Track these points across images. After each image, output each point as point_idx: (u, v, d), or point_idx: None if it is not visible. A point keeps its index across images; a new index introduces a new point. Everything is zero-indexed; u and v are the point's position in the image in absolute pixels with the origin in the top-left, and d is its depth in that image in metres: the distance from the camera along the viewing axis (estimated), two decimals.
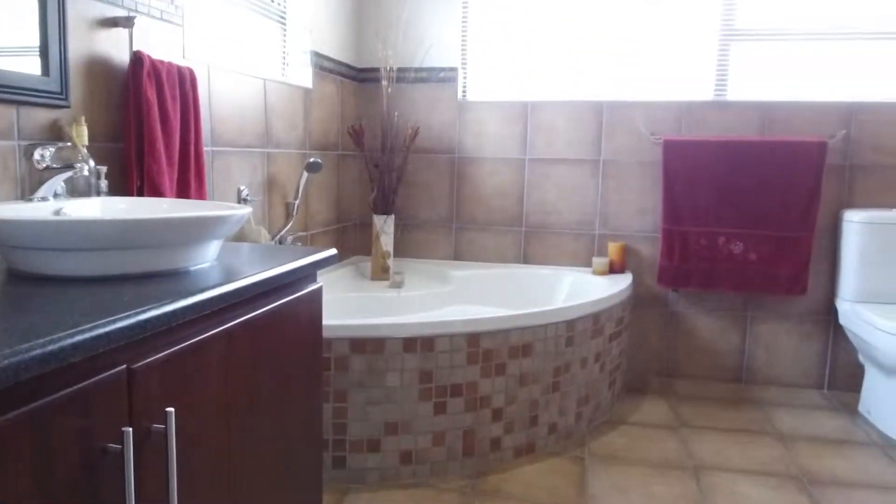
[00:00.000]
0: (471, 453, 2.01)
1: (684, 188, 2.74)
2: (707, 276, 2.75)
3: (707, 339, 2.89)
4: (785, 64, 2.79)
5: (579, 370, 2.25)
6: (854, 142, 2.68)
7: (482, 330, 1.98)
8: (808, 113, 2.71)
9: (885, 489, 1.98)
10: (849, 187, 2.70)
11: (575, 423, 2.28)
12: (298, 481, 1.27)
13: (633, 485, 1.98)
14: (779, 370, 2.84)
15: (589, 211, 2.94)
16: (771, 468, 2.11)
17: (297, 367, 1.24)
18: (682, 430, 2.38)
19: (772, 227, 2.66)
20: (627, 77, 2.92)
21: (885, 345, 2.30)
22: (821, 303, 2.77)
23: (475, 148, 3.00)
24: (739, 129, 2.77)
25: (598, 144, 2.90)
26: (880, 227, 2.52)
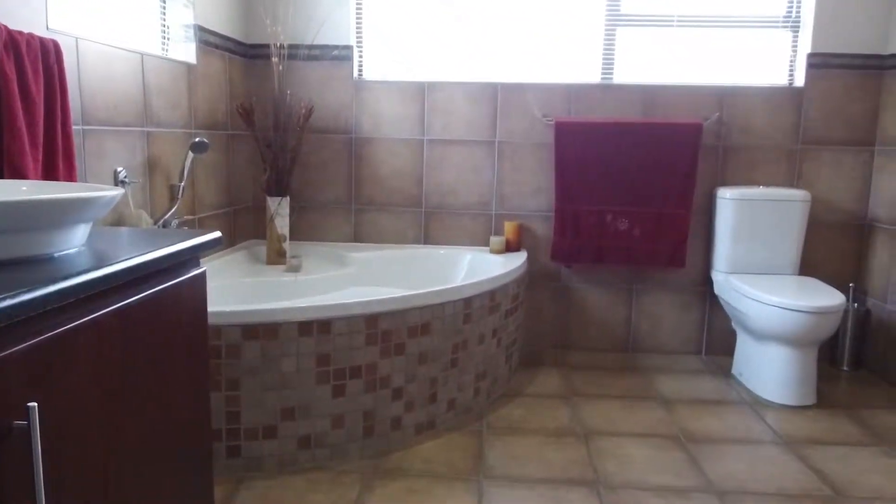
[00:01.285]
0: (371, 434, 2.02)
1: (575, 168, 2.84)
2: (596, 252, 2.88)
3: (597, 312, 3.04)
4: (666, 49, 2.95)
5: (477, 346, 2.31)
6: (726, 124, 2.88)
7: (380, 311, 1.98)
8: (686, 96, 2.88)
9: (753, 443, 2.18)
10: (722, 166, 2.91)
11: (473, 398, 2.34)
12: (187, 474, 1.23)
13: (529, 453, 2.06)
14: (661, 338, 3.04)
15: (486, 191, 3.00)
16: (654, 430, 2.26)
17: (180, 356, 1.19)
18: (574, 399, 2.50)
19: (654, 205, 2.83)
20: (521, 59, 2.99)
21: (753, 311, 2.51)
22: (698, 275, 2.98)
23: (372, 128, 2.97)
24: (624, 111, 2.91)
25: (494, 126, 2.95)
26: (749, 203, 2.73)
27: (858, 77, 2.81)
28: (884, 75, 2.80)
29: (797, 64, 2.89)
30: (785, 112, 2.86)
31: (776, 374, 2.49)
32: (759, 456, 2.08)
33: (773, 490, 1.88)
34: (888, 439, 2.21)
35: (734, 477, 1.95)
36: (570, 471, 1.96)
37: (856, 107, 2.83)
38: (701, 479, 1.94)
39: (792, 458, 2.07)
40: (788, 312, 2.35)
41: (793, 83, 2.90)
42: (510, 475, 1.93)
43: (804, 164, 2.88)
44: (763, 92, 2.86)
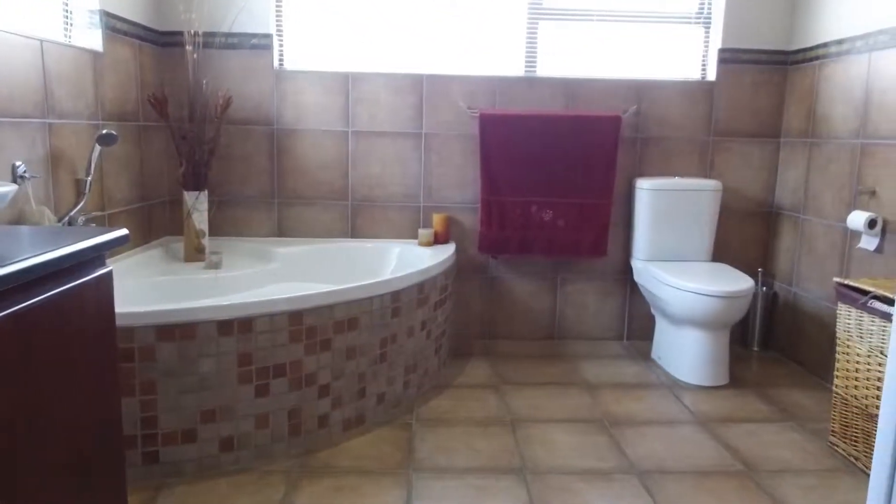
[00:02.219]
0: (298, 432, 1.98)
1: (500, 160, 2.87)
2: (522, 243, 2.93)
3: (524, 302, 3.09)
4: (586, 43, 3.01)
5: (406, 340, 2.30)
6: (643, 116, 2.98)
7: (305, 307, 1.94)
8: (606, 89, 2.96)
9: (671, 423, 2.27)
10: (640, 157, 3.01)
11: (403, 391, 2.33)
12: (98, 484, 1.17)
13: (457, 444, 2.07)
14: (585, 325, 3.12)
15: (413, 184, 2.98)
16: (579, 415, 2.32)
17: (86, 361, 1.12)
18: (503, 388, 2.54)
19: (576, 196, 2.89)
20: (446, 51, 2.98)
21: (669, 297, 2.61)
22: (619, 263, 3.08)
23: (295, 119, 2.90)
24: (547, 104, 2.95)
25: (420, 117, 2.94)
26: (665, 193, 2.84)
27: (765, 72, 2.97)
28: (788, 70, 2.96)
29: (709, 59, 3.01)
30: (698, 105, 2.98)
31: (692, 357, 2.60)
32: (676, 436, 2.17)
33: (689, 468, 1.97)
34: (795, 415, 2.35)
35: (653, 457, 2.03)
36: (498, 459, 1.99)
37: (763, 100, 2.99)
38: (623, 460, 2.00)
39: (707, 436, 2.18)
40: (702, 297, 2.46)
41: (705, 77, 3.03)
42: (439, 466, 1.94)
43: (716, 155, 3.02)
44: (678, 86, 2.97)
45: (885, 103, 2.34)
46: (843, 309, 2.03)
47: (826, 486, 1.88)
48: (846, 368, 2.02)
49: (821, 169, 2.71)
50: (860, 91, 2.47)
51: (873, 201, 2.39)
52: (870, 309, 1.90)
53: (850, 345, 2.00)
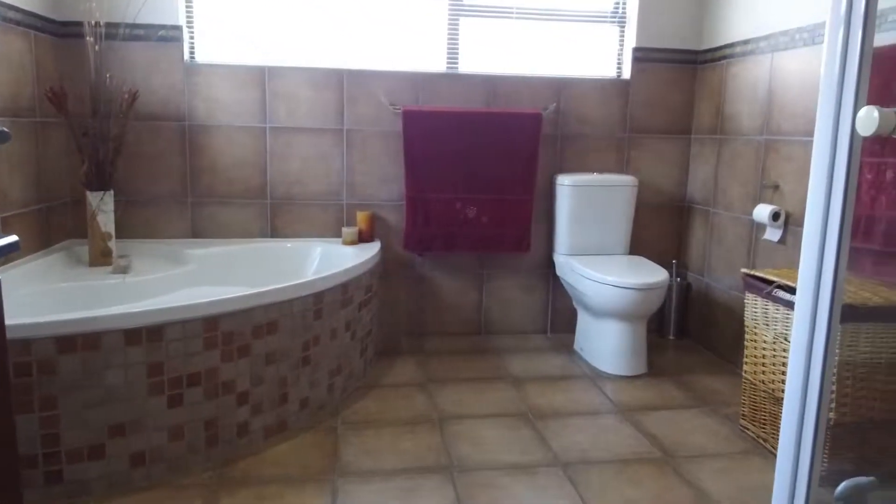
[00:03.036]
0: (215, 443, 1.90)
1: (424, 157, 2.85)
2: (447, 240, 2.92)
3: (450, 298, 3.09)
4: (507, 40, 3.03)
5: (329, 342, 2.25)
6: (563, 113, 3.03)
7: (221, 312, 1.86)
8: (526, 86, 2.99)
9: (594, 414, 2.33)
10: (560, 154, 3.06)
11: (328, 395, 2.28)
12: None
13: (384, 445, 2.05)
14: (511, 320, 3.16)
15: (335, 181, 2.92)
16: (505, 409, 2.34)
17: None
18: (430, 386, 2.53)
19: (499, 192, 2.91)
20: (367, 46, 2.93)
21: (590, 290, 2.67)
22: (542, 258, 3.13)
23: (208, 115, 2.78)
24: (470, 101, 2.96)
25: (341, 113, 2.88)
26: (584, 189, 2.90)
27: (677, 70, 3.08)
28: (698, 69, 3.08)
29: (624, 57, 3.10)
30: (614, 102, 3.06)
31: (612, 348, 2.68)
32: (598, 426, 2.23)
33: (611, 457, 2.02)
34: (708, 400, 2.46)
35: (577, 448, 2.07)
36: (426, 458, 1.98)
37: (675, 98, 3.10)
38: (548, 453, 2.03)
39: (627, 425, 2.24)
40: (620, 290, 2.53)
41: (620, 75, 3.11)
42: (365, 470, 1.90)
43: (631, 151, 3.11)
44: (595, 83, 3.04)
45: (786, 102, 2.47)
46: (750, 298, 2.13)
47: (738, 468, 1.97)
48: (754, 355, 2.13)
49: (728, 164, 2.84)
50: (763, 90, 2.60)
51: (777, 195, 2.52)
52: (774, 298, 2.00)
53: (757, 332, 2.10)
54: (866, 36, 1.00)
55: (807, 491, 1.27)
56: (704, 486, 1.87)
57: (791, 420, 1.27)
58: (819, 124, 1.10)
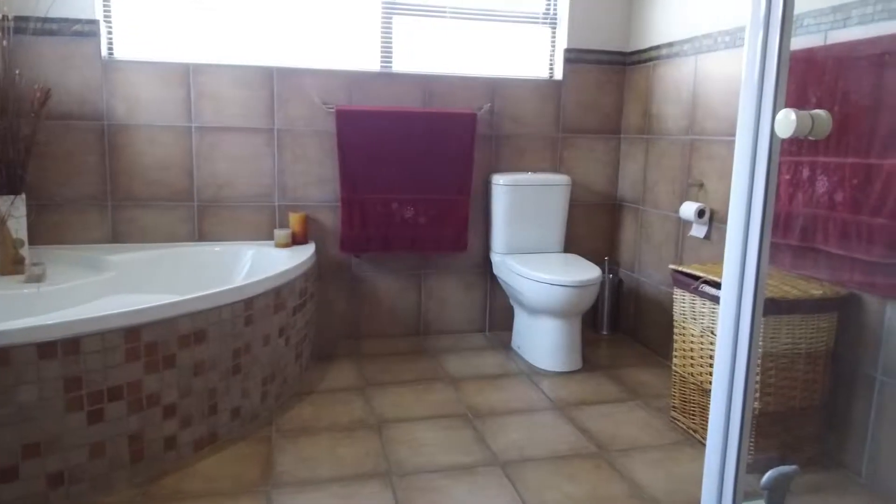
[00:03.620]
0: (140, 458, 1.81)
1: (359, 157, 2.81)
2: (384, 241, 2.89)
3: (389, 300, 3.06)
4: (442, 39, 3.02)
5: (262, 348, 2.18)
6: (497, 113, 3.05)
7: (143, 321, 1.77)
8: (461, 86, 2.99)
9: (531, 411, 2.35)
10: (495, 154, 3.08)
11: (261, 403, 2.21)
12: None
13: (321, 453, 2.00)
14: (449, 319, 3.15)
15: (267, 182, 2.84)
16: (444, 410, 2.33)
17: None
18: (368, 390, 2.49)
19: (436, 192, 2.90)
20: (298, 44, 2.86)
21: (525, 288, 2.70)
22: (479, 257, 3.14)
23: (128, 114, 2.65)
24: (405, 100, 2.93)
25: (272, 112, 2.80)
26: (519, 188, 2.93)
27: (607, 72, 3.14)
28: (626, 71, 3.16)
29: (556, 58, 3.14)
30: (547, 103, 3.10)
31: (548, 344, 2.71)
32: (536, 423, 2.25)
33: (548, 454, 2.04)
34: (640, 393, 2.52)
35: (515, 446, 2.08)
36: (364, 464, 1.95)
37: (606, 99, 3.17)
38: (487, 453, 2.04)
39: (564, 421, 2.27)
40: (555, 287, 2.56)
41: (553, 76, 3.15)
42: (301, 479, 1.85)
43: (564, 150, 3.16)
44: (529, 84, 3.07)
45: (709, 103, 2.56)
46: (678, 293, 2.20)
47: (670, 459, 2.02)
48: (683, 348, 2.19)
49: (656, 163, 2.92)
50: (688, 91, 2.69)
51: (702, 193, 2.61)
52: (701, 293, 2.07)
53: (686, 326, 2.17)
54: (784, 40, 1.04)
55: (735, 478, 1.31)
56: (638, 478, 1.91)
57: (719, 410, 1.31)
58: (741, 126, 1.14)
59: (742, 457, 1.30)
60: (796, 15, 1.10)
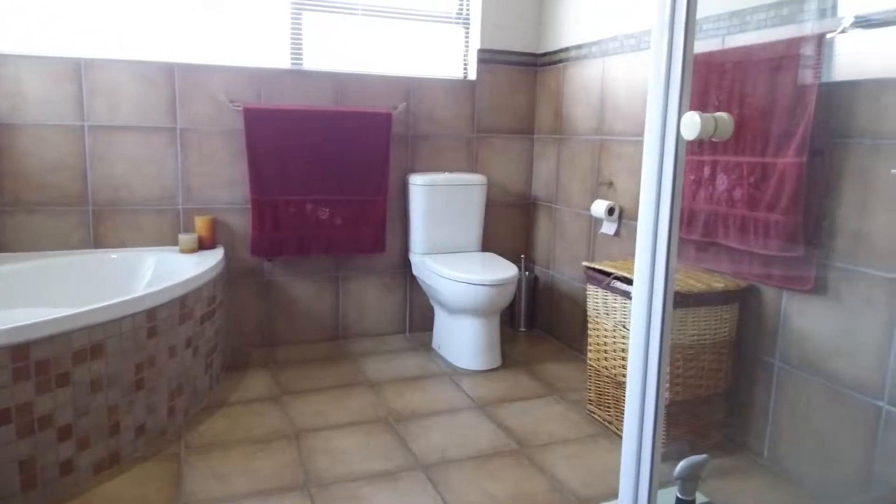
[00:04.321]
0: (34, 485, 1.66)
1: (269, 157, 2.71)
2: (299, 244, 2.80)
3: (304, 304, 2.97)
4: (355, 37, 2.96)
5: (167, 361, 2.06)
6: (413, 113, 3.02)
7: (31, 338, 1.62)
8: (376, 85, 2.94)
9: (452, 412, 2.34)
10: (412, 154, 3.05)
11: (168, 419, 2.09)
12: None
13: (234, 468, 1.91)
14: (369, 322, 3.10)
15: (169, 184, 2.69)
16: (364, 416, 2.28)
17: None
18: (284, 398, 2.41)
19: (352, 193, 2.85)
20: (201, 39, 2.72)
21: (445, 288, 2.69)
22: (398, 258, 3.11)
23: (12, 112, 2.44)
24: (317, 99, 2.85)
25: (174, 111, 2.65)
26: (436, 189, 2.92)
27: (519, 73, 3.19)
28: (538, 72, 3.21)
29: (469, 58, 3.15)
30: (462, 103, 3.11)
31: (467, 344, 2.72)
32: (457, 423, 2.24)
33: (470, 454, 2.04)
34: (558, 388, 2.57)
35: (437, 448, 2.06)
36: (281, 477, 1.87)
37: (519, 99, 3.21)
38: (409, 457, 2.01)
39: (484, 419, 2.28)
40: (473, 287, 2.57)
41: (467, 76, 3.16)
42: (213, 496, 1.76)
43: (480, 150, 3.18)
44: (444, 84, 3.06)
45: (617, 103, 2.64)
46: (591, 290, 2.25)
47: (587, 452, 2.07)
48: (596, 342, 2.25)
49: (568, 163, 2.99)
50: (597, 92, 2.76)
51: (611, 191, 2.69)
52: (612, 288, 2.13)
53: (599, 321, 2.23)
54: (688, 44, 1.07)
55: (651, 467, 1.35)
56: (557, 472, 1.94)
57: (634, 402, 1.34)
58: (648, 127, 1.17)
59: (657, 446, 1.34)
60: (696, 20, 1.15)
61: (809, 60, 1.72)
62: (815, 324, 1.80)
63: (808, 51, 1.72)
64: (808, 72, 1.72)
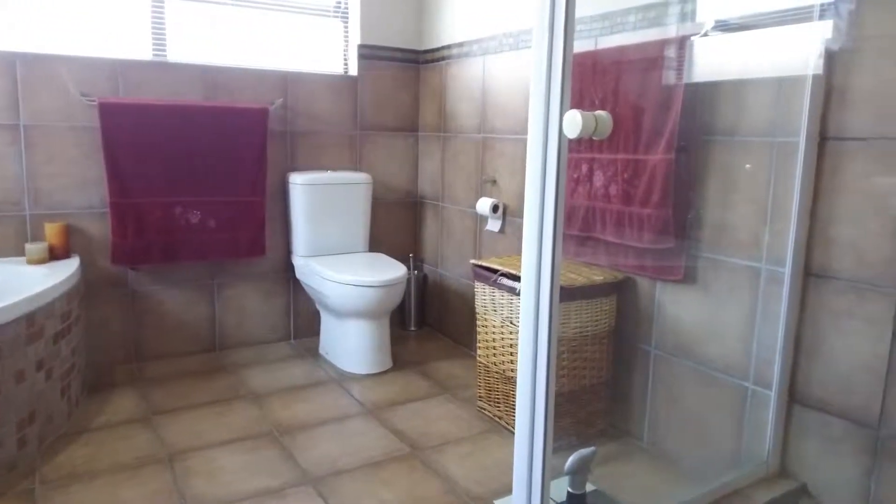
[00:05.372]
0: None
1: (130, 157, 2.48)
2: (167, 250, 2.60)
3: (176, 314, 2.76)
4: (227, 29, 2.78)
5: (15, 387, 1.82)
6: (291, 109, 2.89)
7: None
8: (250, 79, 2.78)
9: (342, 419, 2.26)
10: (291, 152, 2.92)
11: (18, 451, 1.85)
12: None
13: (98, 500, 1.72)
14: (250, 330, 2.94)
15: (13, 187, 2.40)
16: (246, 431, 2.15)
17: None
18: (155, 419, 2.21)
19: (226, 194, 2.68)
20: (48, 26, 2.44)
21: (330, 291, 2.60)
22: (280, 261, 2.97)
23: None
24: (184, 93, 2.65)
25: (16, 105, 2.36)
26: (318, 188, 2.81)
27: (402, 69, 3.14)
28: (420, 69, 3.18)
29: (350, 54, 3.07)
30: (344, 99, 3.01)
31: (356, 347, 2.64)
32: (348, 431, 2.17)
33: (362, 462, 1.97)
34: (449, 386, 2.56)
35: (327, 459, 1.98)
36: None
37: (402, 96, 3.16)
38: (296, 471, 1.91)
39: (376, 424, 2.22)
40: (360, 289, 2.50)
41: (348, 72, 3.08)
42: None
43: (364, 148, 3.10)
44: (324, 79, 2.95)
45: (498, 102, 2.67)
46: (478, 287, 2.25)
47: (479, 450, 2.07)
48: (485, 339, 2.26)
49: (453, 160, 2.99)
50: (478, 90, 2.77)
51: (495, 189, 2.72)
52: (499, 285, 2.14)
53: (487, 318, 2.23)
54: (567, 44, 1.08)
55: (542, 461, 1.35)
56: (451, 472, 1.92)
57: (525, 396, 1.34)
58: (532, 125, 1.16)
59: (548, 439, 1.35)
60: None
61: (675, 62, 1.80)
62: (687, 311, 1.90)
63: (673, 53, 1.80)
64: (673, 73, 1.81)
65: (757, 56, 1.67)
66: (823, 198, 1.55)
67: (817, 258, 1.58)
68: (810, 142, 1.56)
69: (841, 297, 1.53)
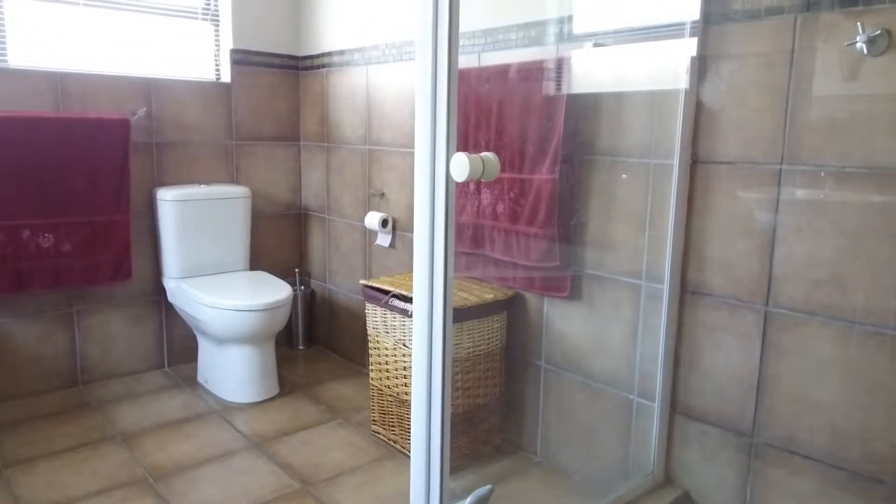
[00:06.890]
0: None
1: None
2: (14, 278, 2.31)
3: (29, 349, 2.46)
4: (78, 31, 2.51)
5: None
6: (157, 119, 2.66)
7: None
8: (108, 87, 2.53)
9: (225, 456, 2.10)
10: (158, 165, 2.69)
11: None
12: None
13: None
14: (118, 360, 2.68)
15: None
16: (115, 479, 1.94)
17: None
18: (7, 472, 1.95)
19: (84, 213, 2.42)
20: None
21: (209, 317, 2.42)
22: (149, 284, 2.73)
23: None
24: (30, 103, 2.37)
25: None
26: (190, 203, 2.61)
27: (280, 76, 2.99)
28: (300, 76, 3.04)
29: (222, 59, 2.87)
30: (217, 107, 2.82)
31: (239, 375, 2.48)
32: (233, 469, 2.02)
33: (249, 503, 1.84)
34: (341, 410, 2.46)
35: None
36: None
37: (281, 104, 3.01)
38: None
39: (263, 460, 2.09)
40: (241, 314, 2.34)
41: (220, 78, 2.88)
42: None
43: (241, 159, 2.92)
44: (193, 86, 2.75)
45: (384, 113, 2.60)
46: (370, 308, 2.18)
47: (375, 478, 1.99)
48: (378, 361, 2.19)
49: (338, 172, 2.88)
50: (363, 100, 2.69)
51: (384, 202, 2.65)
52: (391, 307, 2.07)
53: (379, 339, 2.17)
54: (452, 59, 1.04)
55: (440, 484, 1.31)
56: None
57: (420, 418, 1.29)
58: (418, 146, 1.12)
59: (445, 462, 1.31)
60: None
61: (555, 81, 1.82)
62: (574, 326, 1.93)
63: (554, 72, 1.82)
64: (554, 92, 1.83)
65: (633, 71, 1.72)
66: (697, 218, 1.63)
67: (693, 276, 1.65)
68: (683, 164, 1.62)
69: (715, 313, 1.61)
